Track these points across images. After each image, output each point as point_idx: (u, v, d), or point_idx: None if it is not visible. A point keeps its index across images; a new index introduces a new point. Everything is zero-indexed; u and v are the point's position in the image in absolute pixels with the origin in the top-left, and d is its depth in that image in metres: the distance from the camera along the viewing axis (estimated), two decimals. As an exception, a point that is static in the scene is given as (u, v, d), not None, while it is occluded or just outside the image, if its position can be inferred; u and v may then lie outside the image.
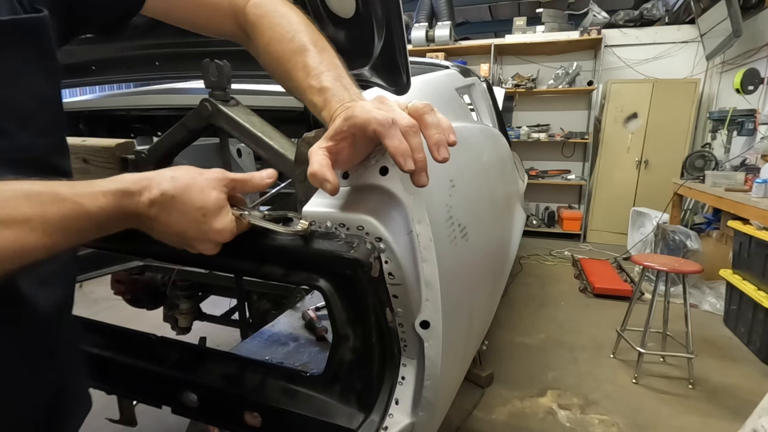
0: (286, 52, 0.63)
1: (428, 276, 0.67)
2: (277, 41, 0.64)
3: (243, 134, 0.78)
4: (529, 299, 3.49)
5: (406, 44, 0.77)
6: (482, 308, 1.36)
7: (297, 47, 0.62)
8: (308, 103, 0.62)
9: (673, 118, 4.70)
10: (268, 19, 0.65)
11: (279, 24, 0.64)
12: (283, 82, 0.67)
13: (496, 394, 2.23)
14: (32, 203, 0.40)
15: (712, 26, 4.10)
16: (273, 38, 0.64)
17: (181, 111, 1.00)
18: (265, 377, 0.86)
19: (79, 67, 1.15)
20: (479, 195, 1.27)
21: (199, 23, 0.68)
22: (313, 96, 0.60)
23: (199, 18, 0.67)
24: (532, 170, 5.48)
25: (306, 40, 0.63)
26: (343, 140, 0.55)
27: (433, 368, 0.71)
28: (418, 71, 1.37)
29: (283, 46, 0.63)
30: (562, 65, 5.18)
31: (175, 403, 0.92)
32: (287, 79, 0.64)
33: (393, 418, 0.73)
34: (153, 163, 0.83)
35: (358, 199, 0.64)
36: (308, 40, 0.63)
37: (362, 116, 0.52)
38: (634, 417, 2.07)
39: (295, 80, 0.62)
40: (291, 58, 0.62)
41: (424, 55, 4.86)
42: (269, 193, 0.99)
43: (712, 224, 3.87)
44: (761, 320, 2.56)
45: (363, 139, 0.56)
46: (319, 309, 1.39)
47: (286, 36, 0.63)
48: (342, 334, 0.73)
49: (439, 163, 0.54)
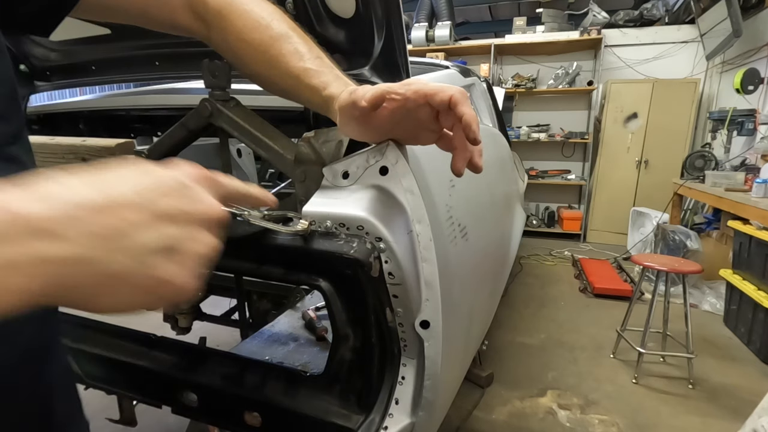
0: (266, 39, 0.59)
1: (428, 276, 0.67)
2: (251, 29, 0.60)
3: (243, 134, 0.78)
4: (529, 299, 3.49)
5: (406, 44, 0.77)
6: (482, 308, 1.36)
7: (277, 34, 0.60)
8: (303, 87, 0.59)
9: (673, 118, 4.70)
10: (235, 6, 0.60)
11: (251, 11, 0.60)
12: (263, 71, 0.62)
13: (496, 394, 2.23)
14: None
15: (712, 26, 4.10)
16: (246, 26, 0.60)
17: (181, 111, 1.00)
18: (265, 377, 0.86)
19: (79, 67, 1.15)
20: (479, 195, 1.27)
21: (149, 14, 0.61)
22: (311, 79, 0.58)
23: (150, 8, 0.60)
24: (532, 170, 5.48)
25: (285, 26, 0.61)
26: (390, 101, 0.53)
27: (433, 368, 0.71)
28: (418, 71, 1.37)
29: (261, 33, 0.59)
30: (562, 65, 5.18)
31: (175, 403, 0.92)
32: (271, 66, 0.60)
33: (393, 418, 0.73)
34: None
35: (358, 199, 0.64)
36: (288, 26, 0.61)
37: (431, 85, 0.51)
38: (634, 417, 2.07)
39: (283, 66, 0.59)
40: (273, 44, 0.59)
41: (424, 55, 4.86)
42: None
43: (712, 224, 3.87)
44: (761, 320, 2.56)
45: (403, 112, 0.54)
46: (319, 309, 1.39)
47: (262, 23, 0.60)
48: (342, 334, 0.73)
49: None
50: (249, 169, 1.66)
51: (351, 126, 0.57)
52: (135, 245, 0.28)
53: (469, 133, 0.51)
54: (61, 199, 0.27)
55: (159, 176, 0.31)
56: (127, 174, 0.30)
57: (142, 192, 0.30)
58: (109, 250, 0.27)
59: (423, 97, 0.52)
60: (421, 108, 0.54)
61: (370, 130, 0.58)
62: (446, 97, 0.51)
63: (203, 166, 0.37)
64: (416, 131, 0.60)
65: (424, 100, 0.53)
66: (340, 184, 0.66)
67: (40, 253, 0.25)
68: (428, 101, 0.53)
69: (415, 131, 0.60)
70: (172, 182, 0.31)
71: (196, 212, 0.32)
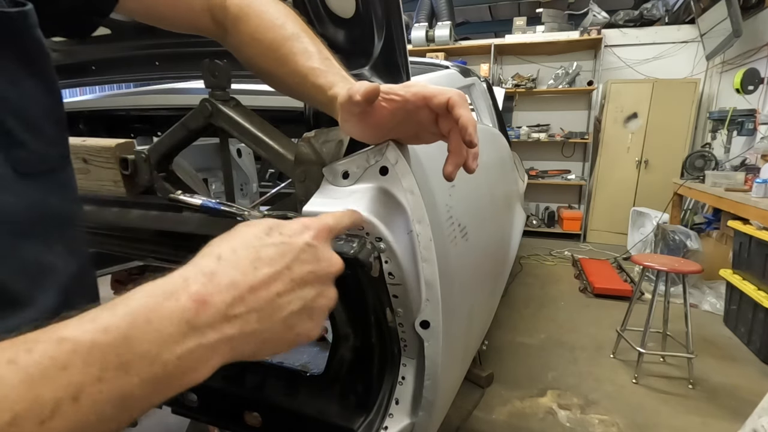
0: (278, 38, 0.61)
1: (428, 276, 0.67)
2: (266, 28, 0.62)
3: (243, 134, 0.78)
4: (529, 299, 3.49)
5: (406, 44, 0.77)
6: (482, 308, 1.36)
7: (290, 34, 0.61)
8: (310, 86, 0.60)
9: (673, 118, 4.70)
10: (253, 8, 0.63)
11: (267, 12, 0.63)
12: (273, 69, 0.64)
13: (496, 394, 2.23)
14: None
15: (712, 26, 4.10)
16: (261, 26, 0.62)
17: (181, 111, 1.00)
18: (265, 377, 0.86)
19: (79, 67, 1.15)
20: (479, 195, 1.27)
21: (176, 20, 0.66)
22: (317, 78, 0.59)
23: (177, 14, 0.65)
24: (532, 170, 5.48)
25: (298, 27, 0.62)
26: (390, 101, 0.54)
27: (433, 368, 0.71)
28: (418, 71, 1.37)
29: (275, 33, 0.62)
30: (562, 65, 5.18)
31: (175, 403, 0.92)
32: (281, 64, 0.62)
33: (393, 418, 0.73)
34: (153, 163, 0.83)
35: (358, 199, 0.64)
36: (300, 28, 0.62)
37: (430, 87, 0.53)
38: (634, 417, 2.07)
39: (293, 64, 0.61)
40: (284, 44, 0.61)
41: (424, 55, 4.86)
42: (269, 193, 0.99)
43: (712, 224, 3.87)
44: (761, 320, 2.56)
45: (404, 113, 0.55)
46: (319, 309, 1.38)
47: (276, 23, 0.62)
48: (342, 334, 0.73)
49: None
50: (249, 169, 1.66)
51: (351, 123, 0.57)
52: (283, 312, 0.34)
53: (465, 136, 0.51)
54: (225, 281, 0.32)
55: (291, 243, 0.36)
56: (266, 242, 0.35)
57: (281, 262, 0.35)
58: (266, 320, 0.33)
59: (422, 99, 0.53)
60: (421, 110, 0.55)
61: (370, 129, 0.59)
62: (444, 99, 0.52)
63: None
64: (417, 133, 0.61)
65: (423, 102, 0.54)
66: (340, 184, 0.66)
67: (227, 335, 0.31)
68: (427, 103, 0.53)
69: (416, 133, 0.61)
70: (301, 246, 0.37)
71: (323, 271, 0.38)
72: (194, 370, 0.30)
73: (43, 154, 0.40)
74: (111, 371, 0.25)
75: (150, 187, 0.82)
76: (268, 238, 0.36)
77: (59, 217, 0.42)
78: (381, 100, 0.54)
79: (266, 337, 0.33)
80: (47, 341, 0.25)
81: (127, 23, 1.01)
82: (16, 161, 0.37)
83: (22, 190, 0.37)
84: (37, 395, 0.23)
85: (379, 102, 0.54)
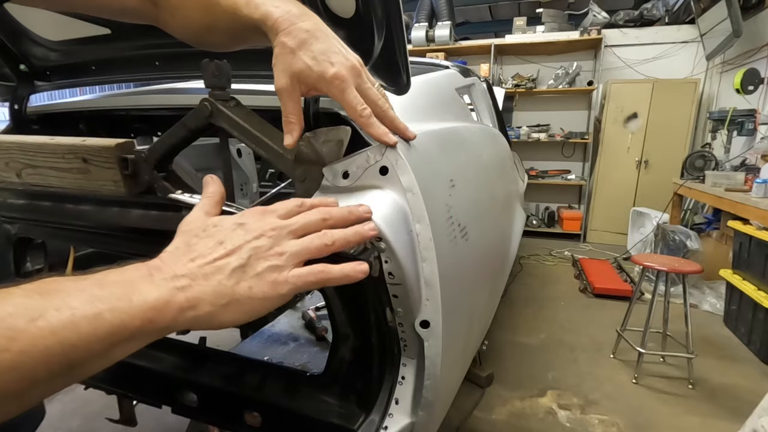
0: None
1: (428, 276, 0.67)
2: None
3: (243, 134, 0.78)
4: (529, 299, 3.49)
5: (406, 44, 0.77)
6: (482, 308, 1.36)
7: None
8: (241, 17, 0.57)
9: (673, 118, 4.70)
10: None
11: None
12: (203, 20, 0.61)
13: (496, 394, 2.23)
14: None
15: (712, 26, 4.10)
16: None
17: (181, 111, 1.00)
18: (265, 377, 0.86)
19: (79, 67, 1.15)
20: (479, 195, 1.27)
21: (101, 3, 0.62)
22: (245, 8, 0.56)
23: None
24: (532, 170, 5.48)
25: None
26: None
27: (433, 368, 0.71)
28: (418, 71, 1.37)
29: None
30: (562, 65, 5.18)
31: (175, 403, 0.92)
32: (209, 12, 0.59)
33: (393, 418, 0.73)
34: (152, 163, 0.83)
35: (358, 199, 0.64)
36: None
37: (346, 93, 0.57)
38: (634, 417, 2.07)
39: (221, 6, 0.58)
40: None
41: (424, 55, 4.86)
42: (269, 193, 0.99)
43: (712, 224, 3.87)
44: (761, 320, 2.56)
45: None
46: (319, 309, 1.39)
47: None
48: (342, 334, 0.73)
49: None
50: (249, 169, 1.66)
51: (280, 60, 0.57)
52: (224, 272, 0.42)
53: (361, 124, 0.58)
54: (172, 259, 0.43)
55: (221, 226, 0.47)
56: (206, 231, 0.47)
57: (213, 239, 0.46)
58: (209, 279, 0.41)
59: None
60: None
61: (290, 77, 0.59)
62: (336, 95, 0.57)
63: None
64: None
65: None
66: (340, 184, 0.66)
67: (179, 285, 0.40)
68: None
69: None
70: (230, 225, 0.47)
71: (257, 231, 0.47)
72: (157, 310, 0.37)
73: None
74: (87, 293, 0.35)
75: (150, 187, 0.82)
76: (206, 228, 0.47)
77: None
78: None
79: (217, 291, 0.40)
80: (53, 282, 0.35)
81: (127, 23, 1.01)
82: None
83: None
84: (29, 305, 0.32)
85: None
